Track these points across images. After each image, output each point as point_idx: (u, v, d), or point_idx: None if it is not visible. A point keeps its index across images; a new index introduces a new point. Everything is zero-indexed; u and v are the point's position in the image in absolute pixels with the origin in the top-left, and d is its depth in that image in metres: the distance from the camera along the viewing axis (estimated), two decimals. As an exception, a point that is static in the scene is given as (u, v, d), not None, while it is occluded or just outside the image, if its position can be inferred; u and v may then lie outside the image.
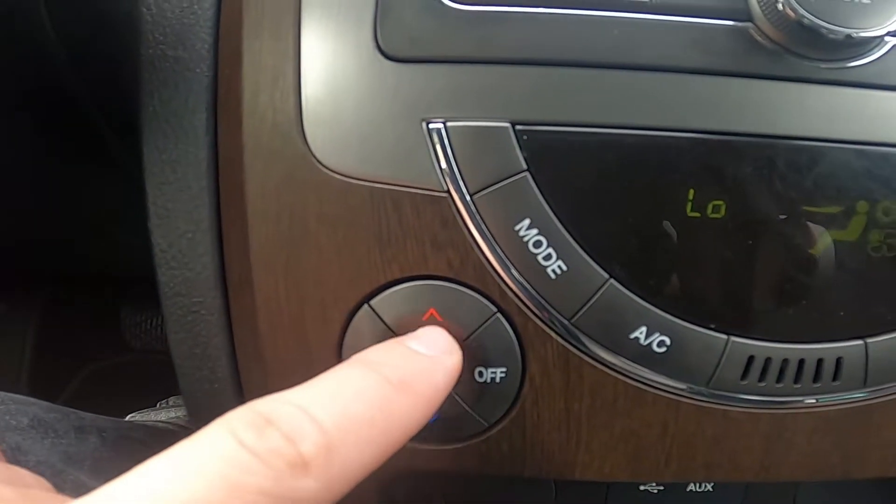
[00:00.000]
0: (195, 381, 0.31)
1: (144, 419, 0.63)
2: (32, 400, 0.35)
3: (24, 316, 0.65)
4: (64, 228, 0.52)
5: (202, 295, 0.30)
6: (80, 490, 0.19)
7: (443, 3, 0.26)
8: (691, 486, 0.36)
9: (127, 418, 0.69)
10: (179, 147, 0.29)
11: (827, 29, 0.24)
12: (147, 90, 0.29)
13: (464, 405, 0.28)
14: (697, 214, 0.26)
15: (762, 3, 0.25)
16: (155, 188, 0.30)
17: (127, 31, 0.30)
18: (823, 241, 0.27)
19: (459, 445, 0.29)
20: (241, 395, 0.31)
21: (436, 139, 0.26)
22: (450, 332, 0.26)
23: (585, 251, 0.26)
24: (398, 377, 0.22)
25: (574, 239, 0.26)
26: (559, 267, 0.26)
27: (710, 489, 0.36)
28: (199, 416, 0.33)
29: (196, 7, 0.29)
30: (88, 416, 0.37)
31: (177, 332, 0.31)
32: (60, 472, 0.32)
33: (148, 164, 0.30)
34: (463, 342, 0.27)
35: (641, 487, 0.37)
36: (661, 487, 0.37)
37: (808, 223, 0.26)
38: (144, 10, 0.29)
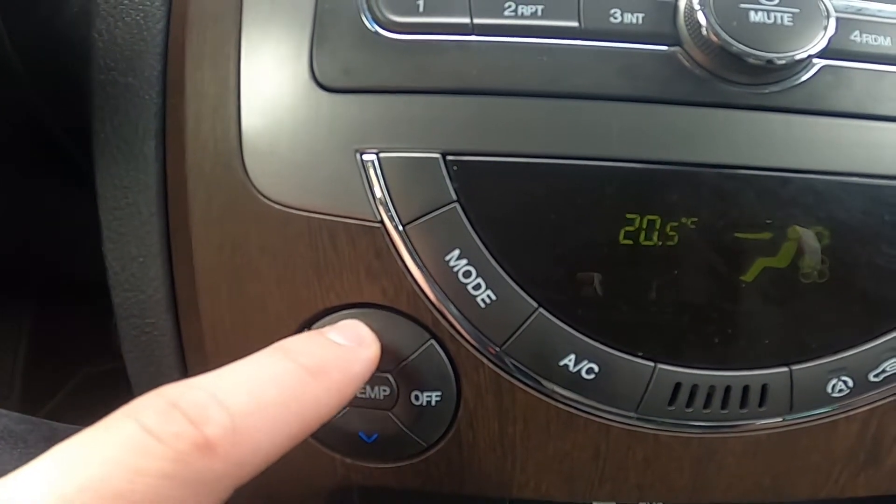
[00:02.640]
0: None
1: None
2: (3, 412, 0.36)
3: (16, 323, 0.66)
4: (40, 243, 0.53)
5: (154, 317, 0.31)
6: None
7: (376, 34, 0.27)
8: None
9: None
10: (130, 173, 0.30)
11: (748, 54, 0.25)
12: (99, 116, 0.30)
13: (401, 426, 0.29)
14: (630, 242, 0.27)
15: (689, 28, 0.26)
16: (108, 213, 0.31)
17: (82, 55, 0.31)
18: (754, 268, 0.27)
19: (400, 464, 0.30)
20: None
21: (369, 170, 0.26)
22: (385, 357, 0.27)
23: (514, 280, 0.27)
24: (314, 364, 0.23)
25: (503, 269, 0.26)
26: (488, 296, 0.27)
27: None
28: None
29: (146, 34, 0.30)
30: (61, 426, 0.38)
31: (131, 351, 0.32)
32: None
33: (101, 189, 0.31)
34: (399, 367, 0.28)
35: None
36: None
37: (739, 250, 0.27)
38: (96, 35, 0.30)
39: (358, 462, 0.30)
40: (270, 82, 0.27)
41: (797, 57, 0.25)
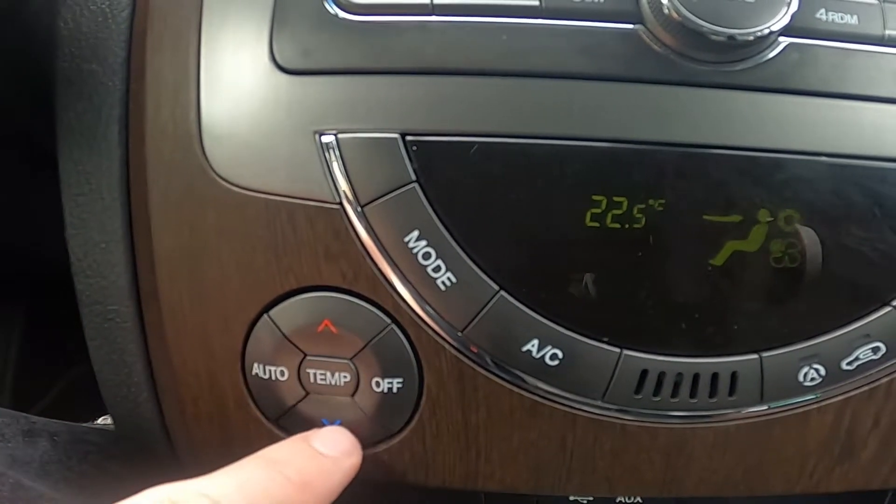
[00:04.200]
0: (113, 386, 0.32)
1: (109, 423, 0.63)
2: None
3: (7, 322, 0.66)
4: (30, 241, 0.53)
5: (117, 304, 0.30)
6: (19, 492, 0.20)
7: (335, 16, 0.26)
8: (621, 498, 0.36)
9: (101, 419, 0.70)
10: (93, 159, 0.30)
11: (710, 30, 0.24)
12: (62, 103, 0.30)
13: (364, 414, 0.28)
14: (596, 224, 0.26)
15: (651, 6, 0.25)
16: (70, 199, 0.30)
17: (48, 45, 0.31)
18: (724, 251, 0.26)
19: (364, 454, 0.29)
20: (157, 400, 0.31)
21: (328, 151, 0.26)
22: (345, 343, 0.27)
23: (475, 263, 0.26)
24: (300, 478, 0.25)
25: (463, 250, 0.26)
26: (448, 279, 0.26)
27: (640, 501, 0.36)
28: (121, 422, 0.33)
29: (110, 21, 0.30)
30: (41, 420, 0.37)
31: (94, 338, 0.31)
32: (1, 474, 0.33)
33: (63, 175, 0.30)
34: (359, 353, 0.27)
35: (571, 498, 0.37)
36: (591, 498, 0.36)
37: (708, 233, 0.26)
38: (62, 24, 0.30)
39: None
40: (230, 66, 0.27)
41: (759, 33, 0.25)
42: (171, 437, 0.32)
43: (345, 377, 0.28)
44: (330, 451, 0.27)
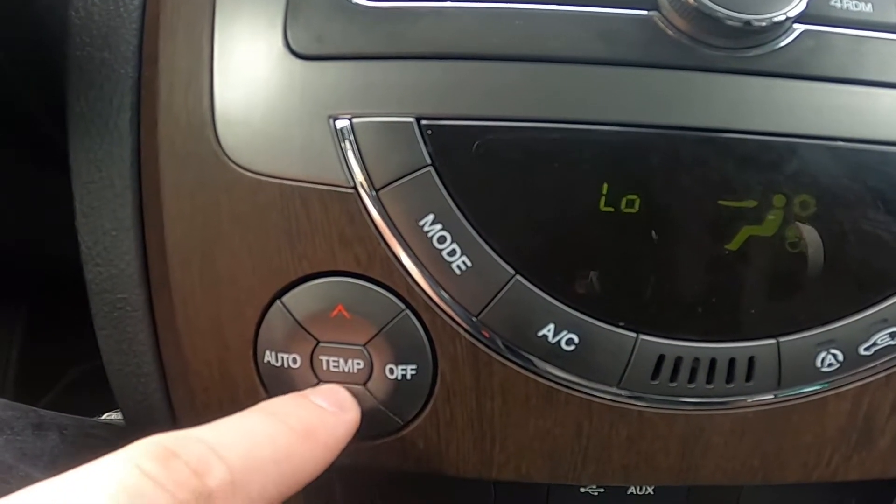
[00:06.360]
0: (123, 376, 0.32)
1: (114, 418, 0.63)
2: None
3: (10, 318, 0.66)
4: (34, 236, 0.53)
5: (126, 292, 0.30)
6: (28, 485, 0.19)
7: (350, 1, 0.26)
8: (632, 489, 0.36)
9: (104, 416, 0.70)
10: (104, 147, 0.30)
11: (726, 15, 0.24)
12: (74, 92, 0.30)
13: (377, 402, 0.28)
14: (611, 209, 0.26)
15: None
16: (81, 187, 0.30)
17: (60, 35, 0.31)
18: (739, 236, 0.26)
19: (377, 442, 0.29)
20: (167, 390, 0.31)
21: (342, 135, 0.26)
22: (359, 329, 0.27)
23: (490, 247, 0.26)
24: (303, 427, 0.24)
25: (479, 234, 0.26)
26: (464, 263, 0.26)
27: (651, 492, 0.36)
28: (130, 413, 0.33)
29: (122, 10, 0.30)
30: (49, 413, 0.37)
31: (104, 328, 0.31)
32: (11, 467, 0.32)
33: (74, 164, 0.30)
34: (373, 339, 0.27)
35: (582, 489, 0.36)
36: (602, 489, 0.36)
37: (723, 218, 0.26)
38: (73, 13, 0.30)
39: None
40: (244, 52, 0.27)
41: (775, 19, 0.25)
42: (180, 427, 0.31)
43: (358, 364, 0.27)
44: (328, 405, 0.26)
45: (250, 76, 0.27)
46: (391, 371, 0.27)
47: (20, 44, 0.35)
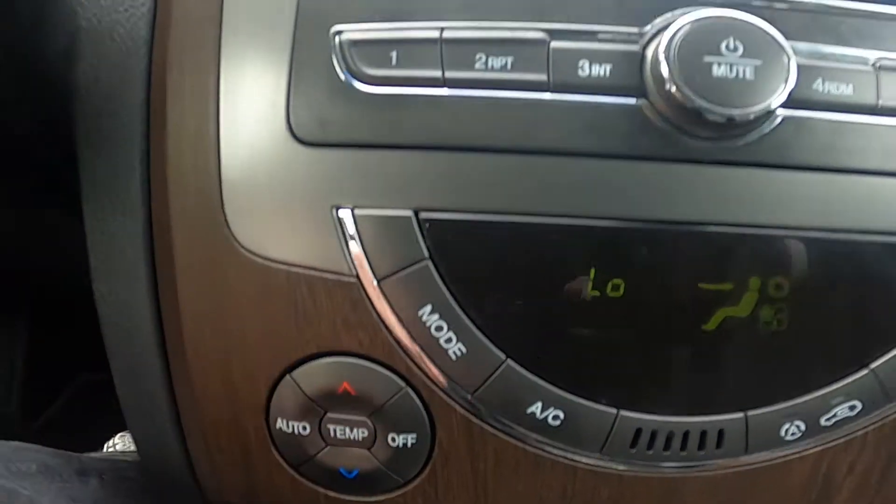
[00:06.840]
0: (142, 429, 0.34)
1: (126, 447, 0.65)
2: (37, 447, 0.38)
3: (13, 331, 0.68)
4: (37, 254, 0.54)
5: (143, 357, 0.32)
6: None
7: (351, 86, 0.27)
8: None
9: (116, 437, 0.72)
10: (117, 219, 0.31)
11: (709, 110, 0.25)
12: (84, 162, 0.31)
13: (380, 464, 0.30)
14: (597, 293, 0.28)
15: (654, 80, 0.26)
16: (96, 256, 0.32)
17: (66, 93, 0.32)
18: (716, 317, 0.28)
19: (380, 498, 0.31)
20: (185, 446, 0.33)
21: (345, 226, 0.27)
22: (363, 402, 0.29)
23: (484, 334, 0.28)
24: None
25: (473, 323, 0.28)
26: (459, 349, 0.28)
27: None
28: (149, 464, 0.35)
29: (126, 97, 0.30)
30: (86, 458, 0.40)
31: (122, 386, 0.33)
32: None
33: (90, 234, 0.32)
34: (376, 412, 0.29)
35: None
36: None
37: (702, 301, 0.28)
38: (80, 75, 0.31)
39: (340, 496, 0.32)
40: (249, 134, 0.28)
41: (756, 114, 0.26)
42: (197, 479, 0.34)
43: (363, 432, 0.30)
44: None
45: (255, 159, 0.28)
46: (393, 439, 0.30)
47: (28, 95, 0.36)
